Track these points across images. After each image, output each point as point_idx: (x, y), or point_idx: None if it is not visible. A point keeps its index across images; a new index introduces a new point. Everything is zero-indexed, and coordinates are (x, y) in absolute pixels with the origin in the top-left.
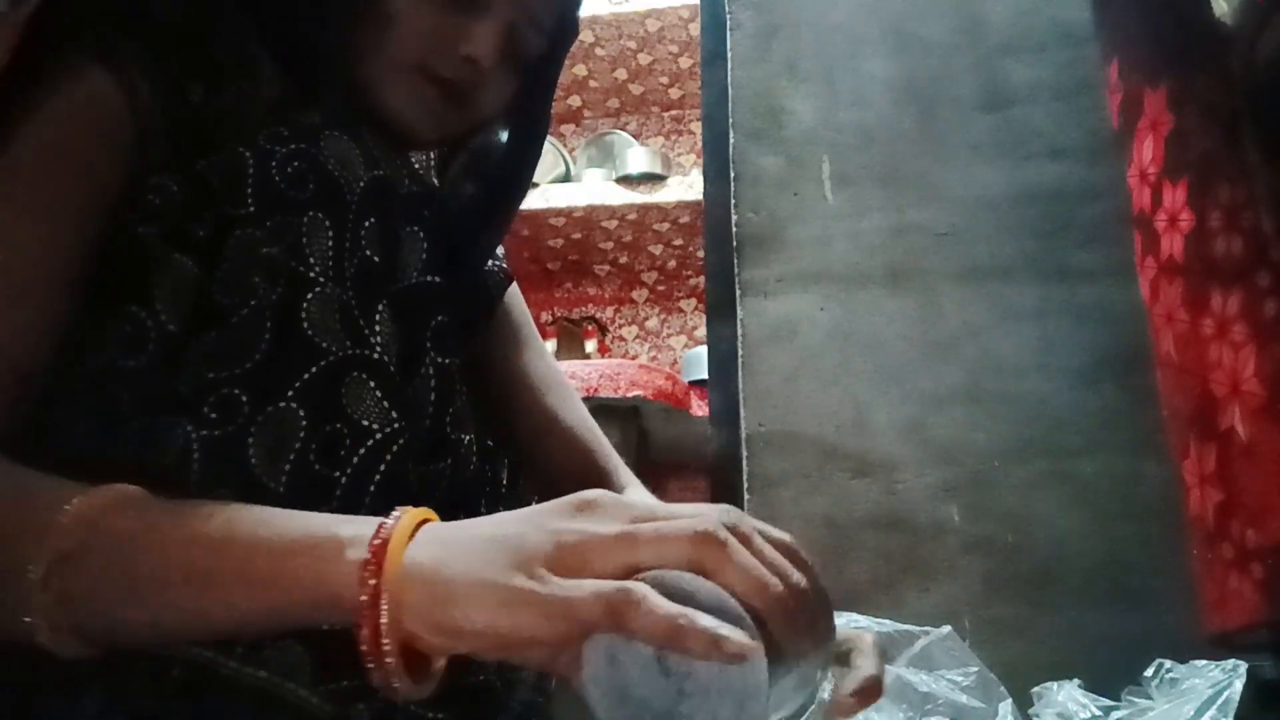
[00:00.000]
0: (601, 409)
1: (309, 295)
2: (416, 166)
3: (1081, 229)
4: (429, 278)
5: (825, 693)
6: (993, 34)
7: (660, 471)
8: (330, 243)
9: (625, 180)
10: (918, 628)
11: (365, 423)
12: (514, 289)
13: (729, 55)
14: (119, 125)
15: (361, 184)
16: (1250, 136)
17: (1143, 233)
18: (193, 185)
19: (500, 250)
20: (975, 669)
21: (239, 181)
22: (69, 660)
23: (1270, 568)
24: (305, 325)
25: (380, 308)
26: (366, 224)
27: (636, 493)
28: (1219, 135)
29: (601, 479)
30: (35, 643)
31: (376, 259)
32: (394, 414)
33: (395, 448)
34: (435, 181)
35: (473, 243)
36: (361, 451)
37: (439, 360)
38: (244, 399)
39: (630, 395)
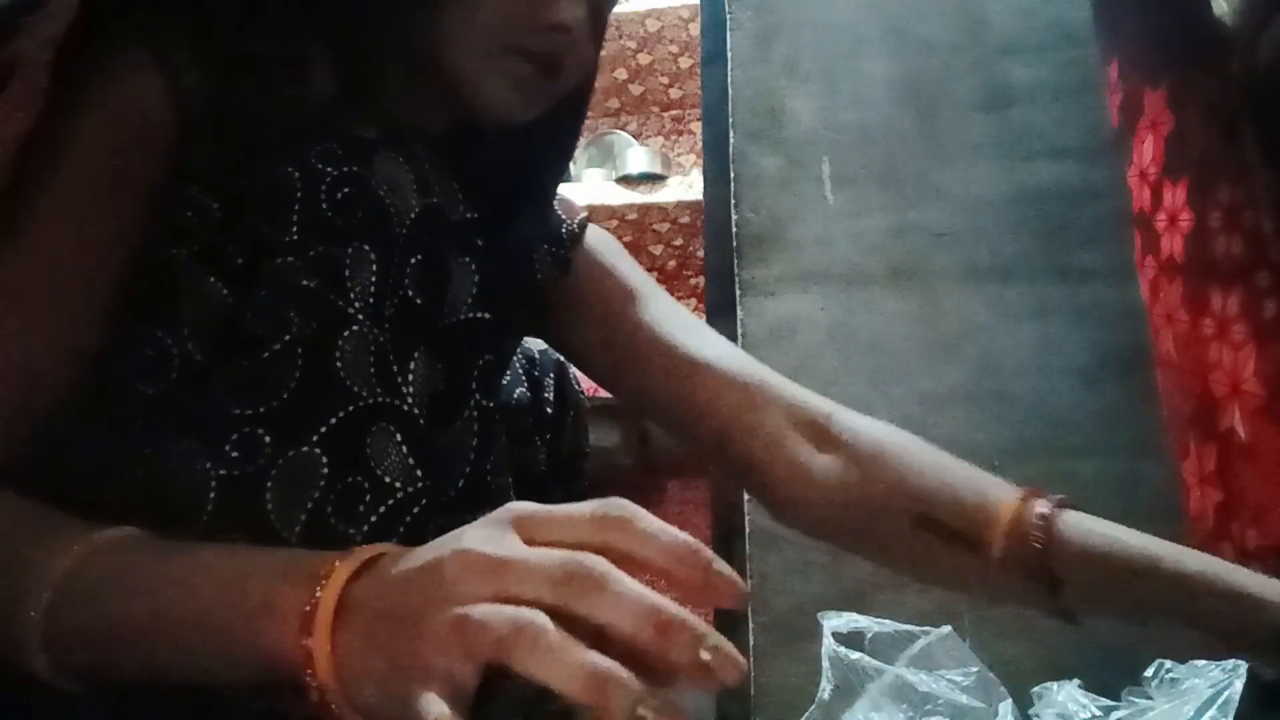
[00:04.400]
0: (602, 409)
1: (345, 333)
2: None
3: (1081, 229)
4: (478, 314)
5: None
6: (993, 34)
7: (660, 471)
8: (374, 278)
9: (625, 180)
10: (918, 628)
11: (388, 479)
12: (596, 253)
13: (729, 55)
14: (160, 123)
15: (413, 214)
16: (1250, 136)
17: (1143, 233)
18: (234, 204)
19: (570, 227)
20: (975, 669)
21: (284, 204)
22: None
23: (1270, 568)
24: (338, 365)
25: (415, 354)
26: (413, 260)
27: (851, 434)
28: (1219, 135)
29: (803, 423)
30: (38, 676)
31: (419, 300)
32: (419, 472)
33: (416, 509)
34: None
35: (517, 215)
36: (381, 510)
37: (483, 404)
38: (266, 439)
39: None
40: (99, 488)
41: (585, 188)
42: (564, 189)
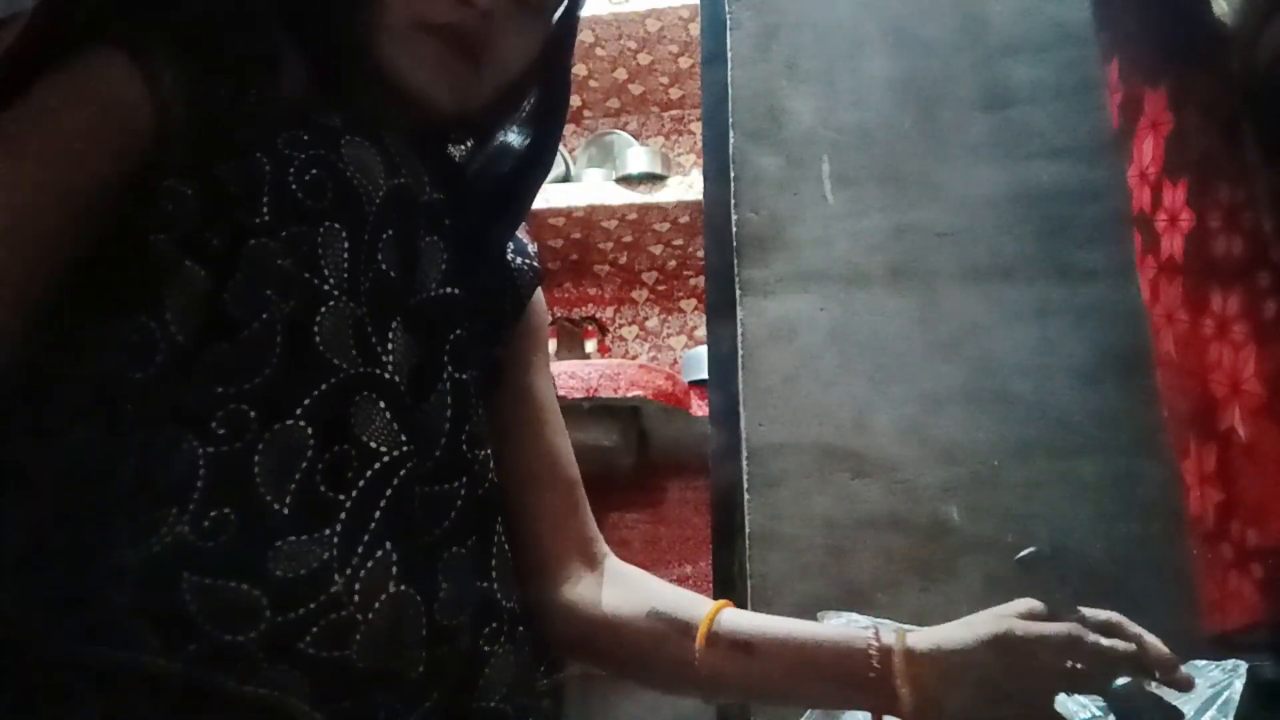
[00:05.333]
0: (601, 409)
1: (322, 309)
2: (456, 157)
3: (1081, 229)
4: (448, 289)
5: None
6: (993, 34)
7: (660, 471)
8: (346, 255)
9: (625, 180)
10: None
11: (373, 445)
12: (541, 304)
13: (729, 55)
14: (132, 112)
15: (381, 193)
16: (1250, 136)
17: (1143, 233)
18: (209, 192)
19: (533, 249)
20: None
21: (256, 189)
22: (67, 676)
23: (1270, 568)
24: (317, 340)
25: (393, 325)
26: (384, 236)
27: (611, 562)
28: (1219, 135)
29: (587, 546)
30: None
31: (392, 274)
32: (403, 436)
33: (403, 471)
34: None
35: (494, 222)
36: (368, 474)
37: (456, 376)
38: (252, 415)
39: (630, 395)
40: (96, 482)
41: (585, 188)
42: (564, 189)
